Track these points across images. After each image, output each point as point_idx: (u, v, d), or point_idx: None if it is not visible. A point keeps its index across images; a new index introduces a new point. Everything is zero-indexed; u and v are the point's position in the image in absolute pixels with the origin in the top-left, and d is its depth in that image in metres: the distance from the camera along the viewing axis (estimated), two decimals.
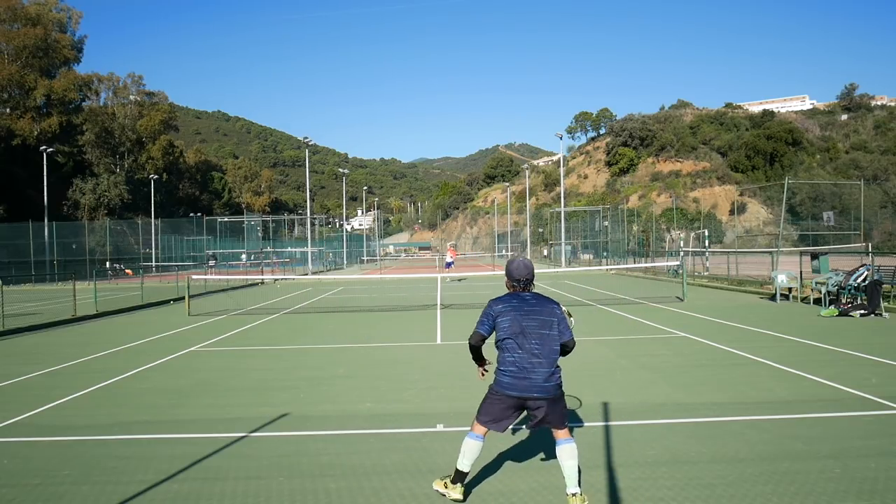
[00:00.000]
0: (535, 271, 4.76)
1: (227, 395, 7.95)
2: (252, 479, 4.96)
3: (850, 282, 15.46)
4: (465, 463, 4.36)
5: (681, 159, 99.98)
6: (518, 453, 5.43)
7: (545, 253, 67.57)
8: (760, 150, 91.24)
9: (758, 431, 5.87)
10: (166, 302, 22.25)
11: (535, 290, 4.58)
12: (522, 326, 4.29)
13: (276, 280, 34.57)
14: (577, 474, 4.26)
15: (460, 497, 4.39)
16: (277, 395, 7.81)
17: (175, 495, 4.66)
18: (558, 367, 4.36)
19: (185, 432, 6.28)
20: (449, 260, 34.18)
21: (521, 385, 4.24)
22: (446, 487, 4.43)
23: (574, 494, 4.19)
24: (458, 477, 4.40)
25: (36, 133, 65.33)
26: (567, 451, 4.29)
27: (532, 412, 4.31)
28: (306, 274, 41.02)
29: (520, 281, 4.48)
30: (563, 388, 4.39)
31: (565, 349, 4.46)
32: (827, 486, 4.53)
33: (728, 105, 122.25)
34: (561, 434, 4.34)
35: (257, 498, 4.58)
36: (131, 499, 4.61)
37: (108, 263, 48.54)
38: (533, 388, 4.24)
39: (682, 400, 7.14)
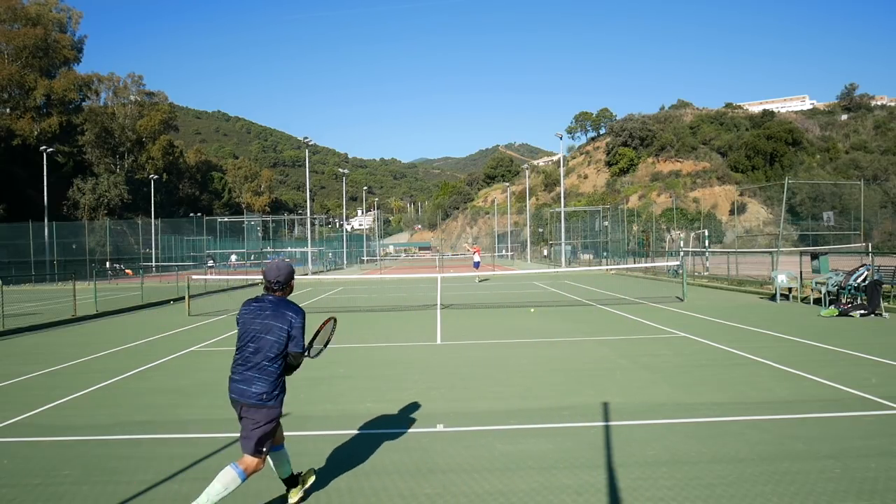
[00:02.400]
0: (534, 271, 4.77)
1: (226, 395, 7.92)
2: (252, 478, 4.95)
3: (850, 282, 15.46)
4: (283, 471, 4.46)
5: (681, 159, 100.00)
6: (517, 453, 5.43)
7: (545, 253, 67.57)
8: (760, 150, 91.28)
9: (758, 431, 5.87)
10: (166, 302, 22.25)
11: (281, 295, 4.38)
12: (247, 329, 4.15)
13: None
14: (212, 494, 3.92)
15: (296, 500, 4.46)
16: None
17: (175, 495, 4.66)
18: (269, 373, 4.06)
19: (185, 432, 6.28)
20: (477, 259, 33.92)
21: (231, 387, 4.15)
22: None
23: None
24: (289, 482, 4.48)
25: (36, 133, 65.34)
26: (222, 472, 4.02)
27: (240, 418, 4.12)
28: (306, 274, 41.01)
29: (274, 283, 4.30)
30: (267, 403, 4.03)
31: (287, 361, 4.14)
32: (827, 486, 4.53)
33: (728, 105, 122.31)
34: (243, 457, 4.08)
35: (257, 498, 4.59)
36: (131, 499, 4.61)
37: (108, 263, 48.53)
38: (234, 390, 4.11)
39: (682, 400, 7.14)
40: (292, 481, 4.49)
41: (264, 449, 4.10)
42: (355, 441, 5.88)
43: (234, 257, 60.04)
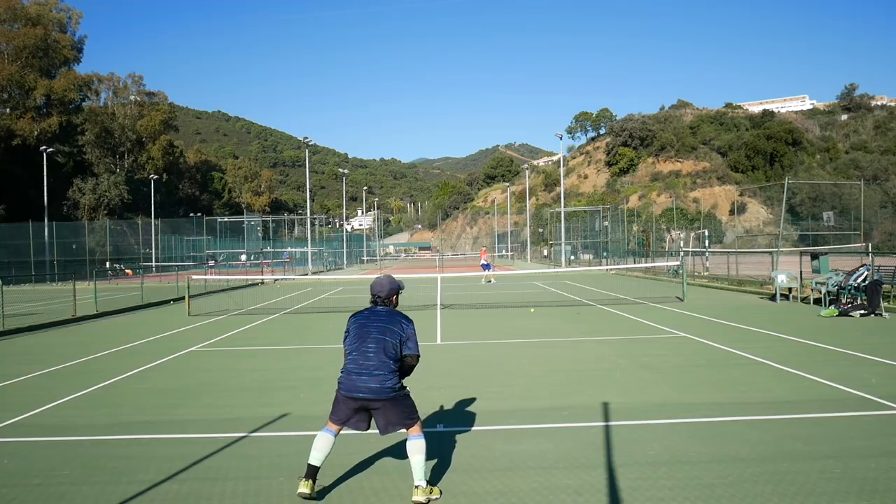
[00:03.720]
0: (534, 271, 4.84)
1: (227, 395, 7.95)
2: (252, 479, 4.96)
3: (850, 282, 15.46)
4: (314, 456, 4.49)
5: (681, 159, 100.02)
6: (518, 454, 5.43)
7: (545, 253, 67.58)
8: (760, 150, 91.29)
9: (758, 431, 5.87)
10: (166, 302, 22.25)
11: (393, 308, 4.79)
12: (363, 332, 4.58)
13: (276, 280, 34.59)
14: (422, 468, 4.43)
15: (306, 492, 4.41)
16: (277, 395, 7.82)
17: (175, 495, 4.66)
18: (394, 373, 4.52)
19: (185, 432, 6.28)
20: (485, 262, 33.33)
21: (350, 385, 4.47)
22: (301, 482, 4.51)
23: (417, 486, 4.39)
24: (308, 472, 4.48)
25: (36, 133, 65.30)
26: (414, 447, 4.49)
27: (374, 413, 4.52)
28: (306, 274, 41.01)
29: (377, 297, 4.77)
30: (402, 392, 4.58)
31: (406, 363, 4.62)
32: (827, 486, 4.53)
33: (728, 105, 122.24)
34: (411, 431, 4.56)
35: (257, 498, 4.58)
36: (131, 499, 4.61)
37: (108, 263, 48.51)
38: (361, 388, 4.44)
39: (682, 400, 7.14)
40: (313, 473, 4.49)
41: (416, 415, 4.65)
42: (355, 441, 5.87)
43: (244, 257, 60.20)
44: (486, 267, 32.39)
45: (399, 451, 5.54)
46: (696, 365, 9.18)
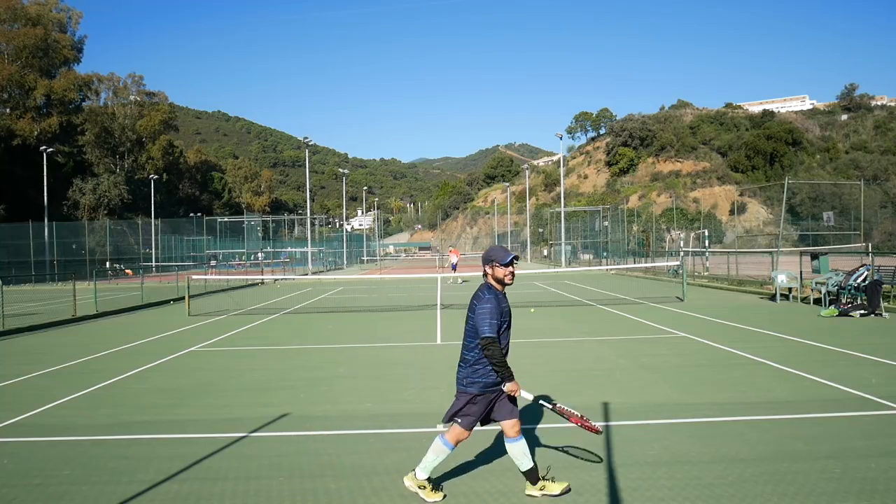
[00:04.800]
0: (534, 271, 4.80)
1: (227, 395, 7.95)
2: (252, 479, 4.96)
3: (850, 282, 15.46)
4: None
5: (681, 159, 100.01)
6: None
7: (545, 253, 67.57)
8: (760, 150, 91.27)
9: (758, 431, 5.87)
10: (166, 302, 22.25)
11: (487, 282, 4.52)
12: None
13: (275, 280, 34.59)
14: (428, 463, 4.42)
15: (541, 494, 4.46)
16: (277, 395, 7.81)
17: (175, 495, 4.66)
18: (465, 361, 4.38)
19: (185, 432, 6.28)
20: (454, 261, 33.93)
21: None
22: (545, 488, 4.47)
23: (413, 471, 4.48)
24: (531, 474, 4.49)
25: (36, 133, 65.29)
26: (435, 443, 4.48)
27: None
28: (306, 274, 41.01)
29: None
30: (468, 390, 4.35)
31: (482, 346, 4.23)
32: (827, 486, 4.53)
33: (728, 105, 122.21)
34: (447, 434, 4.48)
35: (257, 498, 4.58)
36: (131, 499, 4.61)
37: (108, 263, 48.50)
38: None
39: (682, 400, 7.14)
40: (531, 475, 4.47)
41: (458, 420, 4.39)
42: (355, 441, 5.88)
43: (261, 255, 60.25)
44: (454, 266, 32.95)
45: (400, 451, 5.54)
46: (696, 365, 9.18)
